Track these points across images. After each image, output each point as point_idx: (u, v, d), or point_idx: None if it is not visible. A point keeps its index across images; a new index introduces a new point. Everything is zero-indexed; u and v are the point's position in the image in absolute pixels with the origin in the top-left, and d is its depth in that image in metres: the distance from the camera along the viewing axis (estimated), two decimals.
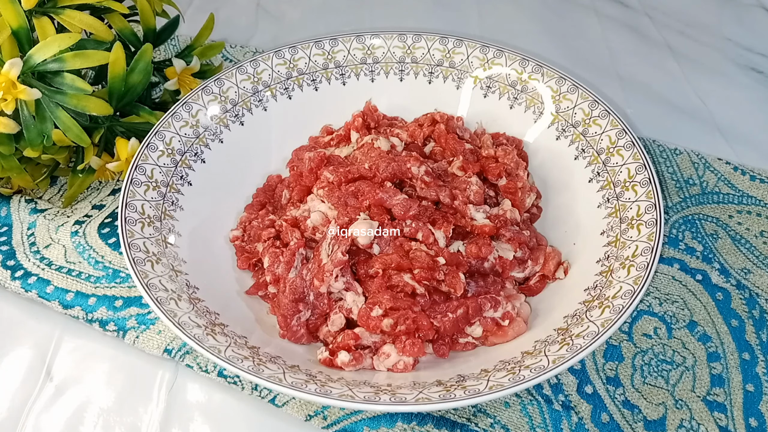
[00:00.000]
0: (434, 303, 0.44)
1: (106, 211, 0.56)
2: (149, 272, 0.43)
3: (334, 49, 0.60)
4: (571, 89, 0.54)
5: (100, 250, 0.53)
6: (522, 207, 0.50)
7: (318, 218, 0.47)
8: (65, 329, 0.49)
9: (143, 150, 0.50)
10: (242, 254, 0.50)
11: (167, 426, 0.44)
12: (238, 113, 0.57)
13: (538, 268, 0.48)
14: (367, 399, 0.36)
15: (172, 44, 0.74)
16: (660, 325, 0.48)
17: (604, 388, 0.44)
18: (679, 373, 0.45)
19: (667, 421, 0.43)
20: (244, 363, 0.38)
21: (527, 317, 0.45)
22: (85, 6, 0.51)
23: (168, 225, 0.48)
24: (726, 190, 0.57)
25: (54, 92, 0.48)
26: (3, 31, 0.46)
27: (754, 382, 0.44)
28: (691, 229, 0.54)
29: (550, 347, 0.39)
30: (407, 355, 0.42)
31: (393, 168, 0.48)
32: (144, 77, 0.52)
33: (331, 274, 0.44)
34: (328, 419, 0.43)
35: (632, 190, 0.47)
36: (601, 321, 0.39)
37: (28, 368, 0.47)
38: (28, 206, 0.56)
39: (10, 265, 0.52)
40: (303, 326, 0.45)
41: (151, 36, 0.57)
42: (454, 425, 0.42)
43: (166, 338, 0.47)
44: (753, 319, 0.48)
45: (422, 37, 0.60)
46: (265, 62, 0.58)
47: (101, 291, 0.50)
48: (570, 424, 0.42)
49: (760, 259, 0.52)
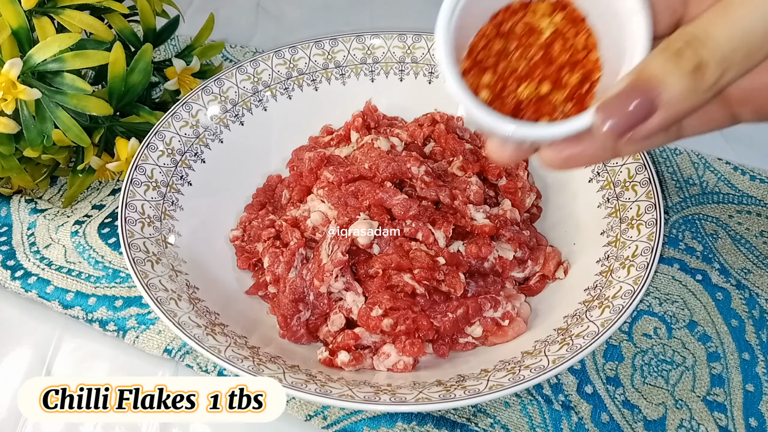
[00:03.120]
0: (434, 303, 0.44)
1: (106, 211, 0.56)
2: (149, 272, 0.43)
3: (334, 49, 0.60)
4: None
5: (100, 250, 0.53)
6: (522, 207, 0.50)
7: (318, 218, 0.47)
8: (65, 329, 0.49)
9: (143, 150, 0.50)
10: (242, 254, 0.50)
11: (167, 426, 0.44)
12: (238, 113, 0.57)
13: (538, 268, 0.48)
14: (367, 399, 0.36)
15: (172, 44, 0.74)
16: (660, 325, 0.48)
17: (604, 388, 0.44)
18: (679, 373, 0.45)
19: (667, 421, 0.43)
20: (244, 363, 0.38)
21: (527, 317, 0.45)
22: (85, 6, 0.51)
23: (168, 225, 0.48)
24: (726, 190, 0.57)
25: (54, 92, 0.48)
26: (3, 31, 0.46)
27: (754, 382, 0.44)
28: (691, 229, 0.54)
29: (550, 347, 0.39)
30: (407, 355, 0.42)
31: (393, 168, 0.48)
32: (144, 77, 0.53)
33: (331, 274, 0.44)
34: (328, 419, 0.43)
35: (632, 190, 0.47)
36: (601, 321, 0.39)
37: (28, 368, 0.47)
38: (28, 206, 0.56)
39: (10, 265, 0.52)
40: (303, 326, 0.45)
41: (151, 36, 0.57)
42: (454, 425, 0.42)
43: (166, 338, 0.47)
44: (753, 319, 0.48)
45: (422, 37, 0.60)
46: (265, 62, 0.58)
47: (101, 291, 0.50)
48: (570, 424, 0.42)
49: (760, 259, 0.52)
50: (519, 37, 0.33)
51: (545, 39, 0.32)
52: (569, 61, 0.32)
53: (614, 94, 0.24)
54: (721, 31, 0.22)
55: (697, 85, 0.23)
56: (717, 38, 0.22)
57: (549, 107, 0.32)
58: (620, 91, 0.24)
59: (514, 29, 0.33)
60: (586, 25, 0.32)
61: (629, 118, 0.24)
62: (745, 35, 0.22)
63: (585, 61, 0.32)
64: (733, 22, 0.22)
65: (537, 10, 0.33)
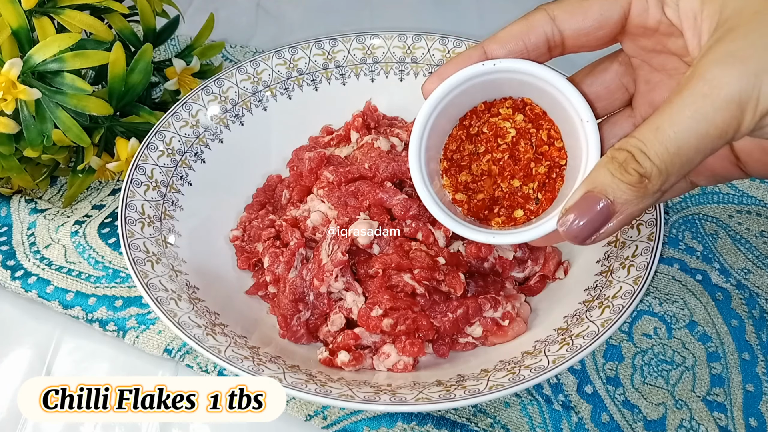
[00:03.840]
0: (434, 303, 0.44)
1: (106, 211, 0.56)
2: (149, 272, 0.43)
3: (334, 49, 0.60)
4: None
5: (100, 250, 0.53)
6: None
7: (318, 218, 0.47)
8: (65, 329, 0.49)
9: (143, 150, 0.50)
10: (242, 254, 0.50)
11: (167, 426, 0.44)
12: (238, 113, 0.57)
13: (538, 268, 0.48)
14: (367, 399, 0.36)
15: (172, 44, 0.74)
16: (660, 325, 0.48)
17: (604, 388, 0.44)
18: (679, 373, 0.45)
19: (667, 421, 0.43)
20: (244, 363, 0.38)
21: (527, 317, 0.45)
22: (85, 6, 0.51)
23: (168, 225, 0.48)
24: (726, 190, 0.57)
25: (54, 92, 0.48)
26: (3, 31, 0.46)
27: (754, 382, 0.44)
28: (691, 229, 0.54)
29: (550, 347, 0.39)
30: (407, 355, 0.42)
31: (393, 168, 0.48)
32: (144, 77, 0.53)
33: (331, 274, 0.44)
34: (328, 419, 0.43)
35: None
36: (601, 321, 0.39)
37: (28, 368, 0.47)
38: (28, 206, 0.56)
39: (10, 265, 0.52)
40: (303, 326, 0.45)
41: (151, 36, 0.57)
42: (454, 425, 0.42)
43: (166, 338, 0.47)
44: (753, 319, 0.48)
45: (422, 37, 0.60)
46: (265, 62, 0.58)
47: (101, 291, 0.50)
48: (570, 424, 0.42)
49: (760, 259, 0.52)
50: (486, 139, 0.37)
51: (511, 138, 0.37)
52: (536, 153, 0.36)
53: (572, 204, 0.28)
54: (659, 147, 0.26)
55: (644, 192, 0.26)
56: (656, 153, 0.26)
57: (522, 198, 0.37)
58: (577, 202, 0.28)
59: (482, 130, 0.38)
60: (549, 118, 0.37)
61: (589, 228, 0.28)
62: (679, 149, 0.25)
63: (551, 151, 0.36)
64: (668, 140, 0.26)
65: (500, 111, 0.37)
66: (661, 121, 0.26)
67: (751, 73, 0.25)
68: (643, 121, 0.28)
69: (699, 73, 0.26)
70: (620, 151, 0.27)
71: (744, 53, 0.25)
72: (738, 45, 0.26)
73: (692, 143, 0.25)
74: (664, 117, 0.26)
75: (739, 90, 0.25)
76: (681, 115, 0.26)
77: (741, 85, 0.25)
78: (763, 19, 0.26)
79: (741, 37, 0.26)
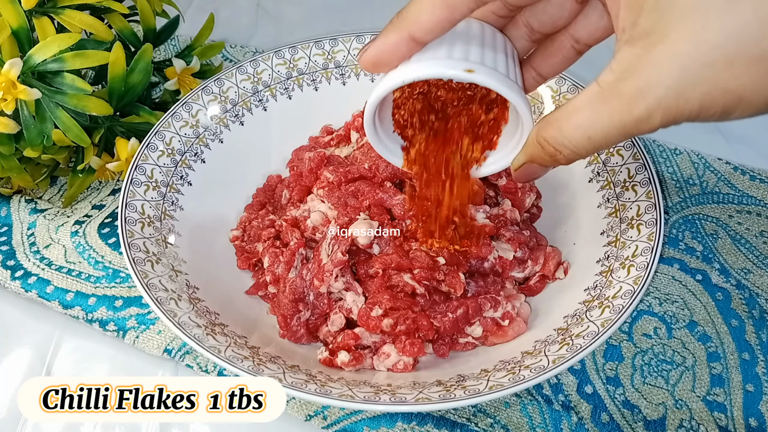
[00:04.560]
0: (434, 303, 0.44)
1: (106, 211, 0.56)
2: (149, 272, 0.43)
3: (334, 49, 0.60)
4: (571, 89, 0.54)
5: (100, 250, 0.53)
6: (522, 207, 0.50)
7: (318, 218, 0.47)
8: (65, 329, 0.49)
9: (143, 150, 0.50)
10: (242, 254, 0.50)
11: (167, 426, 0.44)
12: (238, 113, 0.57)
13: (538, 268, 0.48)
14: (367, 399, 0.36)
15: (172, 44, 0.74)
16: (660, 325, 0.48)
17: (604, 388, 0.44)
18: (679, 373, 0.45)
19: (667, 421, 0.43)
20: (244, 363, 0.38)
21: (527, 317, 0.45)
22: (85, 6, 0.51)
23: (168, 225, 0.48)
24: (726, 190, 0.57)
25: (54, 92, 0.48)
26: (3, 31, 0.46)
27: (754, 382, 0.44)
28: (691, 229, 0.54)
29: (550, 347, 0.39)
30: (407, 355, 0.42)
31: (393, 168, 0.48)
32: (144, 77, 0.53)
33: (331, 274, 0.44)
34: (328, 419, 0.43)
35: (632, 190, 0.47)
36: (601, 321, 0.39)
37: (28, 368, 0.47)
38: (28, 206, 0.56)
39: (10, 265, 0.52)
40: (303, 326, 0.45)
41: (151, 36, 0.57)
42: (454, 425, 0.42)
43: (166, 338, 0.47)
44: (753, 319, 0.48)
45: None
46: (265, 62, 0.58)
47: (101, 291, 0.50)
48: (570, 424, 0.42)
49: (760, 259, 0.52)
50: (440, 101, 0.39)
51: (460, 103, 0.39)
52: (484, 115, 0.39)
53: (518, 166, 0.36)
54: (571, 134, 0.30)
55: (557, 160, 0.32)
56: (566, 137, 0.30)
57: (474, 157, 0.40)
58: (521, 169, 0.36)
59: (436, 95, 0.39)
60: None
61: (526, 179, 0.37)
62: (589, 138, 0.29)
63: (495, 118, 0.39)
64: (579, 128, 0.29)
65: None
66: (573, 105, 0.30)
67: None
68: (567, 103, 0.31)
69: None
70: (540, 133, 0.32)
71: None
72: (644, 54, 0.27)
73: (600, 133, 0.29)
74: (579, 115, 0.30)
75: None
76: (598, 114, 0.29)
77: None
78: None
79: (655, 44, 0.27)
